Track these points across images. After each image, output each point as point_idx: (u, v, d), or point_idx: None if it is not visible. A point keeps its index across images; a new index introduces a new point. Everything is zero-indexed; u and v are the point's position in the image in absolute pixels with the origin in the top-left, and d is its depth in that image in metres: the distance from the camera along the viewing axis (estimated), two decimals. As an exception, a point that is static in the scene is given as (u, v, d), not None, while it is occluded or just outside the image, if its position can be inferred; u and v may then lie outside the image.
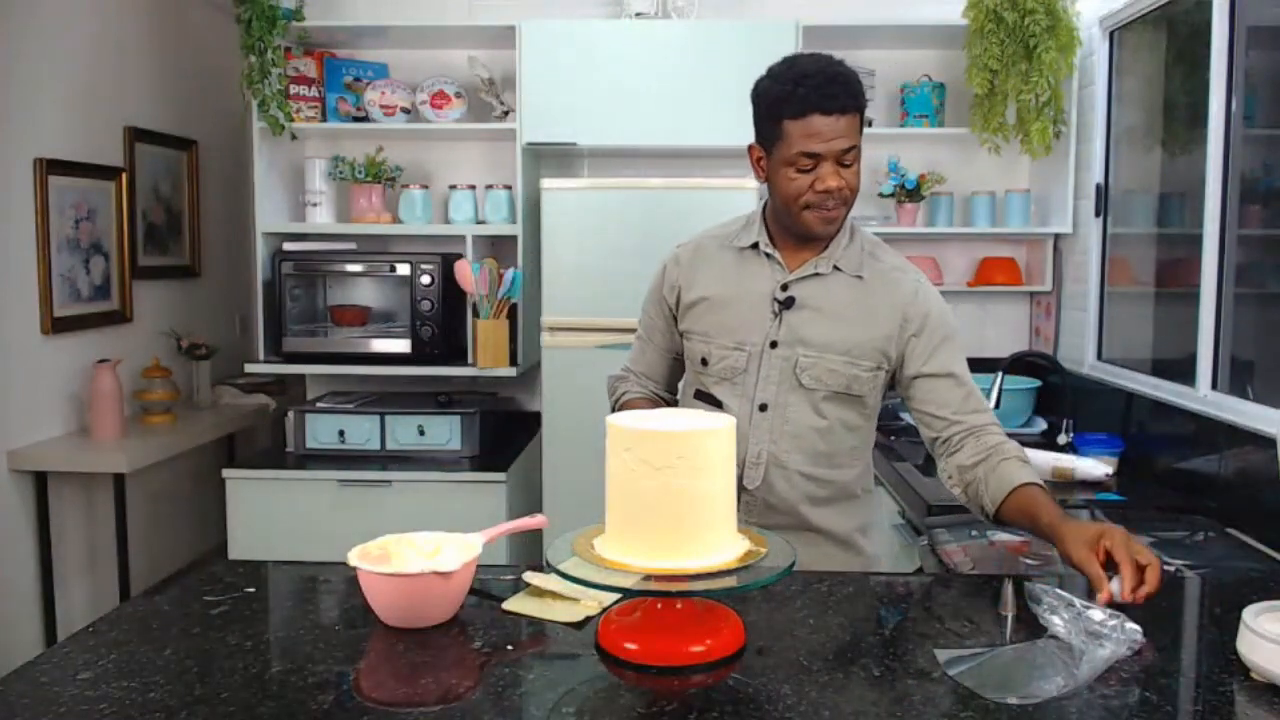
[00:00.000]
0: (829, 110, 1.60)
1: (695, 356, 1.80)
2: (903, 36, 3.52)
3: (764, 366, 1.74)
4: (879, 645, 1.34)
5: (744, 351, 1.74)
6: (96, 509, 3.31)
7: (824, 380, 1.72)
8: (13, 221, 2.96)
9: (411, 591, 1.34)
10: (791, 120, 1.62)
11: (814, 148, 1.61)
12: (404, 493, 3.16)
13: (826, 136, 1.61)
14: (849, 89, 1.62)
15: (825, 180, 1.63)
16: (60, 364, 3.17)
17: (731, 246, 1.80)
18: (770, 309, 1.74)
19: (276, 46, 3.29)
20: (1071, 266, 3.39)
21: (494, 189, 3.47)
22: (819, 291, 1.73)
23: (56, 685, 1.20)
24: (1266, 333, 2.57)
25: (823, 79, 1.61)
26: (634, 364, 1.94)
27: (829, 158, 1.62)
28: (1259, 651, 1.18)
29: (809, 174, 1.64)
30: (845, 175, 1.65)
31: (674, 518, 1.23)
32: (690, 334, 1.81)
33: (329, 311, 3.52)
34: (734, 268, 1.78)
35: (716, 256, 1.81)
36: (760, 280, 1.75)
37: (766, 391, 1.74)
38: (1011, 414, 3.27)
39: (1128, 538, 1.42)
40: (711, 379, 1.78)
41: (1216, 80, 2.50)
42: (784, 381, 1.73)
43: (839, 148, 1.62)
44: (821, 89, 1.60)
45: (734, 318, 1.75)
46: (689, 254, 1.84)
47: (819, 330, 1.72)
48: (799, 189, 1.65)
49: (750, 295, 1.75)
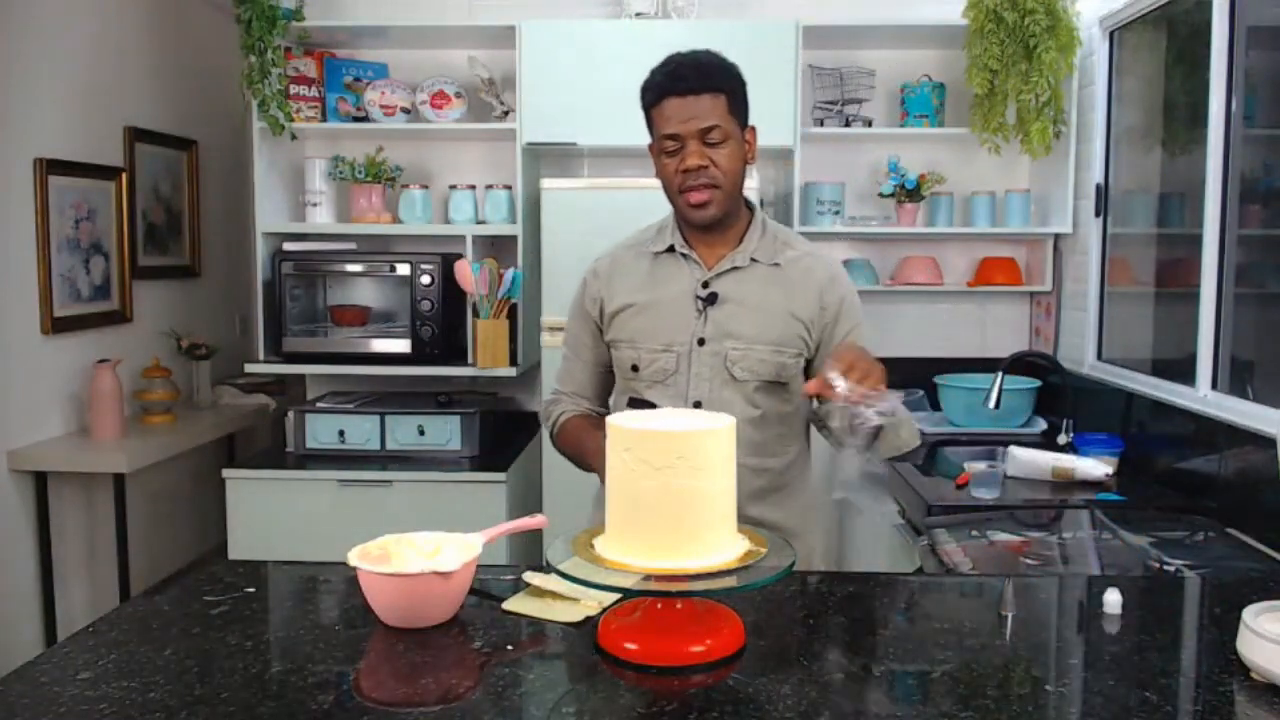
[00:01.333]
0: (681, 92, 1.67)
1: (625, 364, 1.81)
2: (903, 36, 3.52)
3: (694, 364, 1.76)
4: (878, 645, 1.34)
5: (673, 352, 1.77)
6: (96, 509, 3.31)
7: (755, 371, 1.76)
8: (13, 221, 2.96)
9: (411, 591, 1.34)
10: (653, 107, 1.71)
11: (671, 129, 1.68)
12: (404, 493, 3.15)
13: (682, 117, 1.67)
14: (700, 70, 1.69)
15: (687, 159, 1.68)
16: (60, 364, 3.17)
17: (647, 253, 1.83)
18: (694, 307, 1.76)
19: (276, 46, 3.29)
20: (1071, 266, 3.39)
21: (494, 189, 3.47)
22: (739, 285, 1.77)
23: (56, 685, 1.20)
24: (1266, 333, 2.57)
25: (675, 64, 1.69)
26: (564, 385, 1.94)
27: (689, 138, 1.68)
28: (1259, 651, 1.18)
29: (675, 156, 1.70)
30: (712, 155, 1.69)
31: (674, 518, 1.23)
32: (617, 343, 1.82)
33: (329, 311, 3.52)
34: (652, 273, 1.81)
35: (634, 265, 1.83)
36: (680, 281, 1.79)
37: (699, 389, 1.76)
38: (1011, 414, 3.27)
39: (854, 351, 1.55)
40: (643, 383, 1.79)
41: (1216, 80, 2.50)
42: (715, 377, 1.76)
43: (696, 127, 1.67)
44: (673, 73, 1.68)
45: (658, 320, 1.78)
46: (606, 266, 1.87)
47: (745, 323, 1.76)
48: (670, 173, 1.72)
49: (672, 296, 1.78)
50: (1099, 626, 1.41)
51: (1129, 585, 1.59)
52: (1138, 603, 1.50)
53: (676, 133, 1.68)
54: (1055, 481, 2.62)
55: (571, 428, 1.86)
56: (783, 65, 3.28)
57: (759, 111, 3.70)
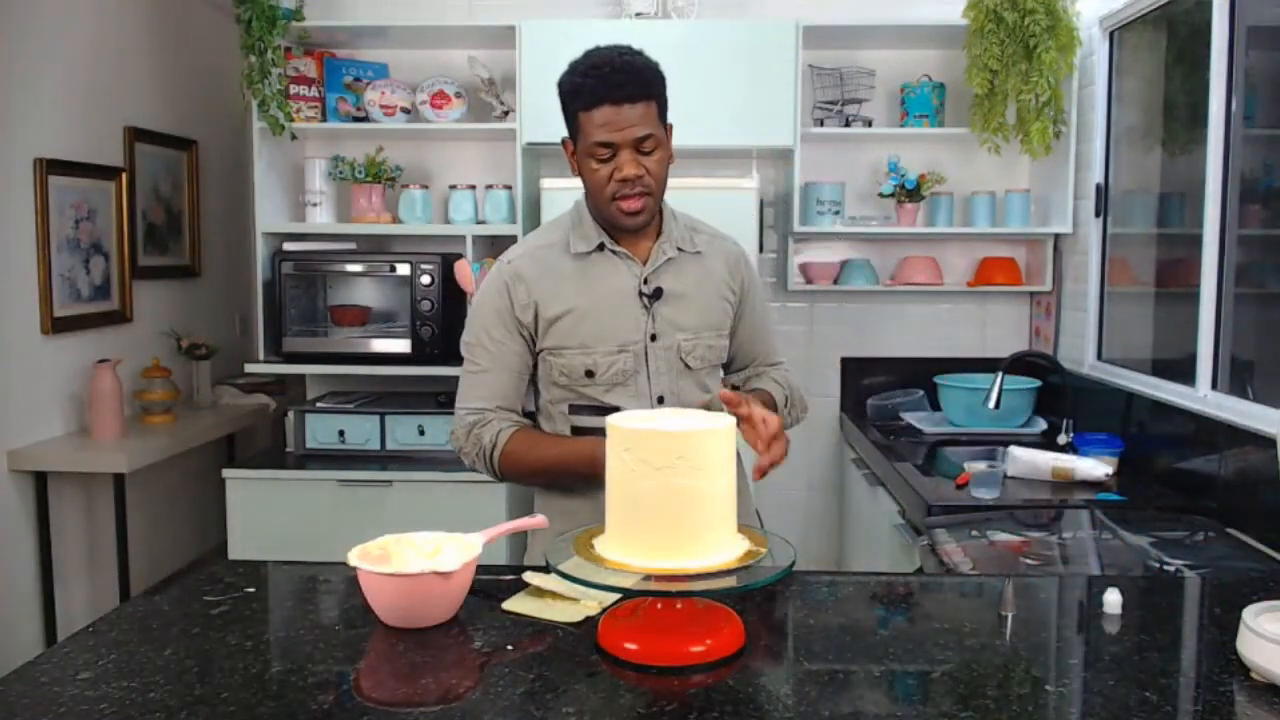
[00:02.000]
0: (617, 100, 1.62)
1: (575, 370, 1.75)
2: (903, 36, 3.52)
3: (652, 361, 1.76)
4: (878, 645, 1.34)
5: (629, 352, 1.75)
6: (96, 509, 3.31)
7: (705, 358, 1.81)
8: (13, 221, 2.96)
9: (411, 591, 1.34)
10: (584, 112, 1.65)
11: (607, 137, 1.64)
12: (404, 493, 3.15)
13: (618, 125, 1.63)
14: (637, 78, 1.65)
15: (623, 169, 1.66)
16: (60, 364, 3.17)
17: (570, 254, 1.76)
18: (640, 304, 1.76)
19: (276, 46, 3.29)
20: (1071, 266, 3.39)
21: (494, 189, 3.47)
22: (675, 277, 1.78)
23: (56, 685, 1.20)
24: (1266, 333, 2.57)
25: (610, 69, 1.63)
26: (486, 399, 1.78)
27: (624, 146, 1.65)
28: (1259, 651, 1.18)
29: (608, 164, 1.67)
30: (646, 163, 1.67)
31: (674, 518, 1.23)
32: (561, 350, 1.75)
33: (329, 311, 3.52)
34: (584, 274, 1.76)
35: (560, 266, 1.76)
36: (618, 279, 1.76)
37: (660, 384, 1.77)
38: (1011, 414, 3.27)
39: (760, 413, 1.58)
40: (601, 387, 1.75)
41: (1216, 80, 2.50)
42: (671, 369, 1.77)
43: (632, 136, 1.64)
44: (608, 79, 1.63)
45: (607, 322, 1.74)
46: (530, 269, 1.76)
47: (688, 313, 1.78)
48: (601, 180, 1.68)
49: (615, 296, 1.75)
50: (1099, 626, 1.41)
51: (1129, 585, 1.59)
52: (1138, 603, 1.50)
53: (611, 141, 1.64)
54: (1055, 481, 2.62)
55: (525, 443, 1.75)
56: (783, 65, 3.28)
57: (759, 112, 3.71)
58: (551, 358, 1.76)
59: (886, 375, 3.72)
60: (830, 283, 3.60)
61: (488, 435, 1.75)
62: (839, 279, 3.60)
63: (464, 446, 1.78)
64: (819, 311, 3.76)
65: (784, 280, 3.65)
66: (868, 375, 3.74)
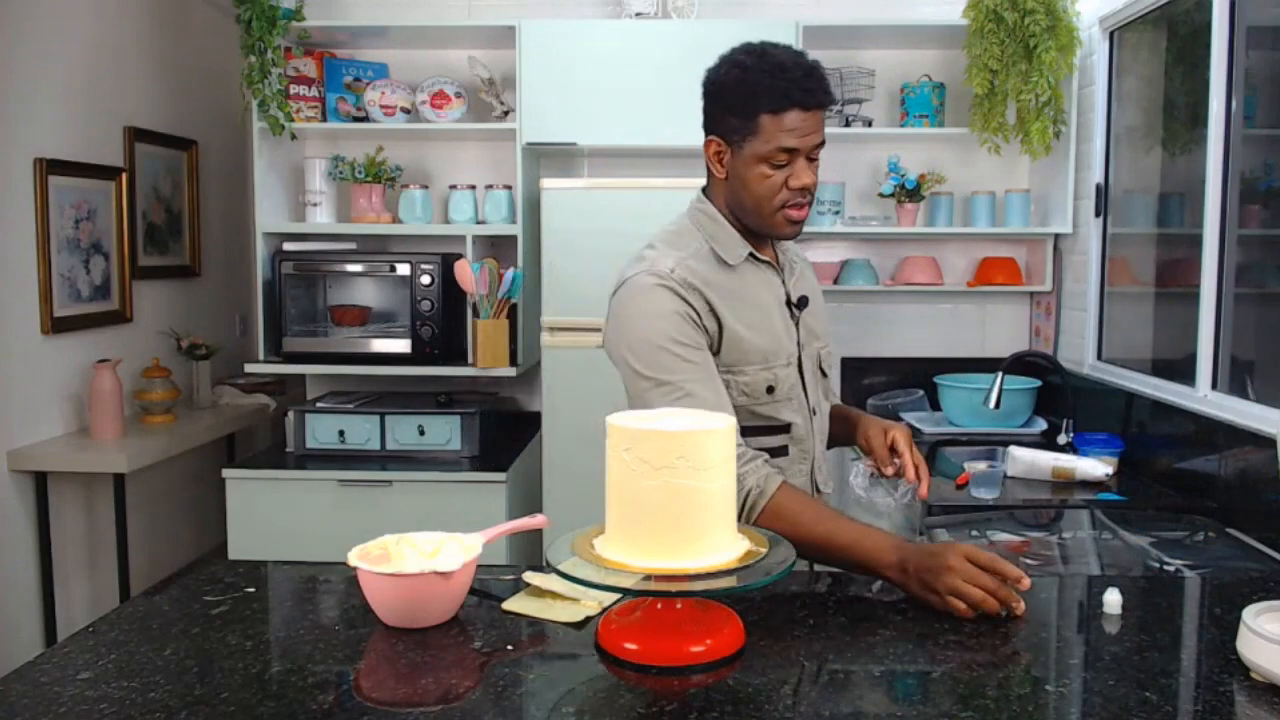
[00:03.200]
0: (808, 105, 1.55)
1: (758, 388, 1.63)
2: (903, 36, 3.52)
3: (805, 373, 1.71)
4: (879, 645, 1.34)
5: (793, 365, 1.68)
6: (96, 509, 3.31)
7: (831, 364, 1.81)
8: (13, 221, 2.96)
9: (411, 591, 1.34)
10: (770, 115, 1.55)
11: (792, 143, 1.56)
12: (404, 493, 3.16)
13: (804, 131, 1.56)
14: (823, 84, 1.58)
15: (800, 177, 1.58)
16: (60, 364, 3.17)
17: (721, 264, 1.64)
18: (790, 316, 1.71)
19: (276, 46, 3.29)
20: (1071, 266, 3.39)
21: (494, 189, 3.47)
22: (801, 284, 1.77)
23: (56, 685, 1.20)
24: (1266, 333, 2.57)
25: (801, 72, 1.55)
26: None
27: (804, 153, 1.58)
28: (1259, 651, 1.18)
29: (783, 170, 1.58)
30: (815, 171, 1.63)
31: (674, 518, 1.23)
32: (744, 366, 1.62)
33: (329, 311, 3.52)
34: (742, 285, 1.65)
35: (718, 277, 1.63)
36: (770, 290, 1.68)
37: (814, 394, 1.73)
38: (1011, 414, 3.27)
39: (910, 435, 1.67)
40: (780, 404, 1.65)
41: (1216, 80, 2.50)
42: (815, 378, 1.75)
43: (813, 143, 1.58)
44: (802, 83, 1.54)
45: (773, 335, 1.66)
46: (694, 279, 1.60)
47: (817, 322, 1.77)
48: (773, 187, 1.58)
49: (772, 308, 1.68)
50: (1099, 626, 1.41)
51: (1129, 585, 1.59)
52: (1138, 603, 1.50)
53: (795, 147, 1.56)
54: (1055, 481, 2.62)
55: (799, 504, 1.52)
56: (783, 65, 3.27)
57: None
58: (730, 376, 1.61)
59: (886, 375, 3.72)
60: (830, 283, 3.59)
61: (751, 479, 1.52)
62: (839, 279, 3.60)
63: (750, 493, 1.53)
64: (819, 311, 3.76)
65: (784, 280, 3.65)
66: (868, 375, 3.74)
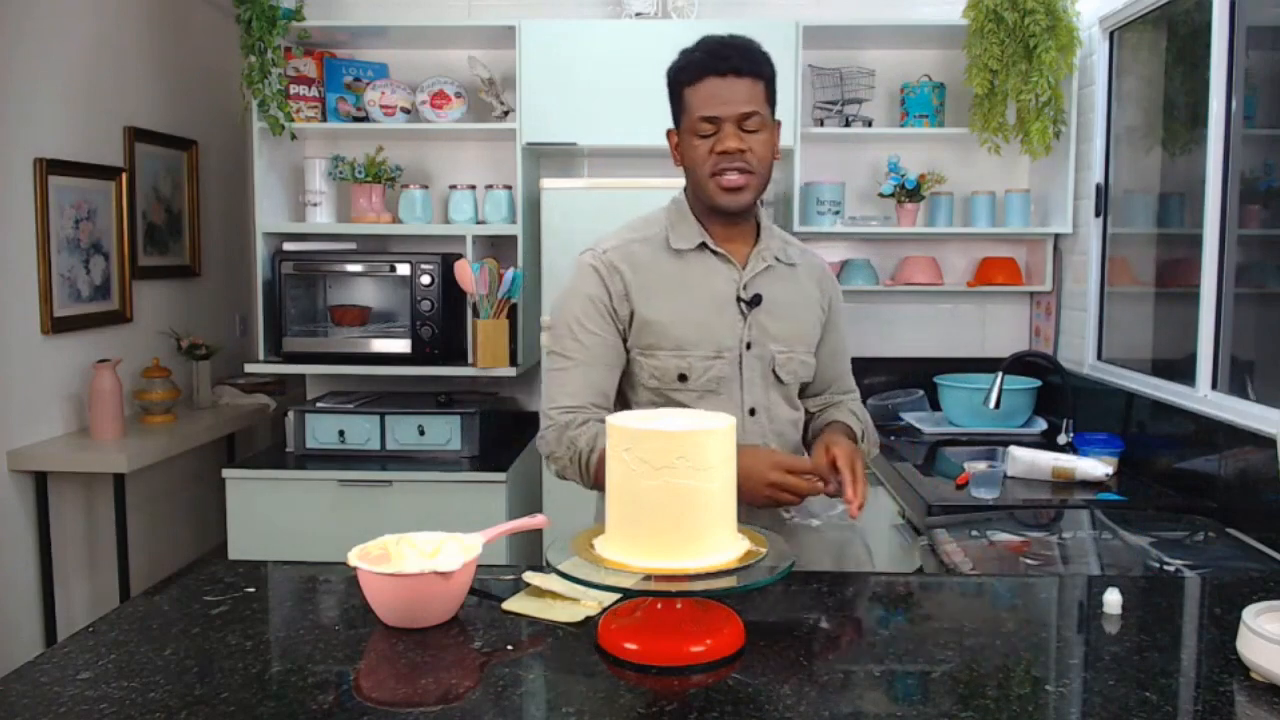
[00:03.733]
0: (721, 71, 1.61)
1: (669, 374, 1.67)
2: (903, 36, 3.52)
3: (745, 370, 1.70)
4: (879, 645, 1.34)
5: (724, 359, 1.68)
6: (96, 509, 3.31)
7: (797, 373, 1.76)
8: (13, 221, 2.96)
9: (411, 591, 1.34)
10: (689, 87, 1.63)
11: (711, 110, 1.61)
12: (404, 493, 3.15)
13: (724, 99, 1.60)
14: (744, 53, 1.63)
15: (724, 140, 1.61)
16: (60, 364, 3.17)
17: (667, 249, 1.69)
18: (737, 310, 1.69)
19: (276, 46, 3.29)
20: (1071, 266, 3.39)
21: (494, 189, 3.47)
22: (772, 285, 1.73)
23: (56, 685, 1.20)
24: (1266, 333, 2.57)
25: (717, 44, 1.63)
26: (579, 396, 1.65)
27: (727, 121, 1.61)
28: (1259, 651, 1.18)
29: (710, 139, 1.62)
30: (750, 141, 1.62)
31: (674, 518, 1.23)
32: (656, 350, 1.67)
33: (329, 311, 3.52)
34: (683, 272, 1.69)
35: (657, 262, 1.69)
36: (717, 281, 1.70)
37: (753, 395, 1.71)
38: (1011, 414, 3.27)
39: (851, 456, 1.60)
40: (693, 394, 1.68)
41: (1216, 80, 2.50)
42: (764, 380, 1.72)
43: (736, 111, 1.61)
44: (714, 52, 1.62)
45: (704, 325, 1.67)
46: (626, 262, 1.68)
47: (783, 326, 1.73)
48: (702, 155, 1.63)
49: (713, 298, 1.69)
50: (1099, 626, 1.41)
51: (1129, 585, 1.59)
52: (1138, 603, 1.50)
53: (716, 115, 1.60)
54: (1055, 481, 2.62)
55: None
56: (783, 65, 3.20)
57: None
58: (643, 358, 1.68)
59: (886, 375, 3.72)
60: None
61: (584, 438, 1.62)
62: (839, 279, 3.60)
63: (555, 451, 1.66)
64: (819, 311, 3.76)
65: (784, 280, 3.65)
66: (868, 375, 3.73)
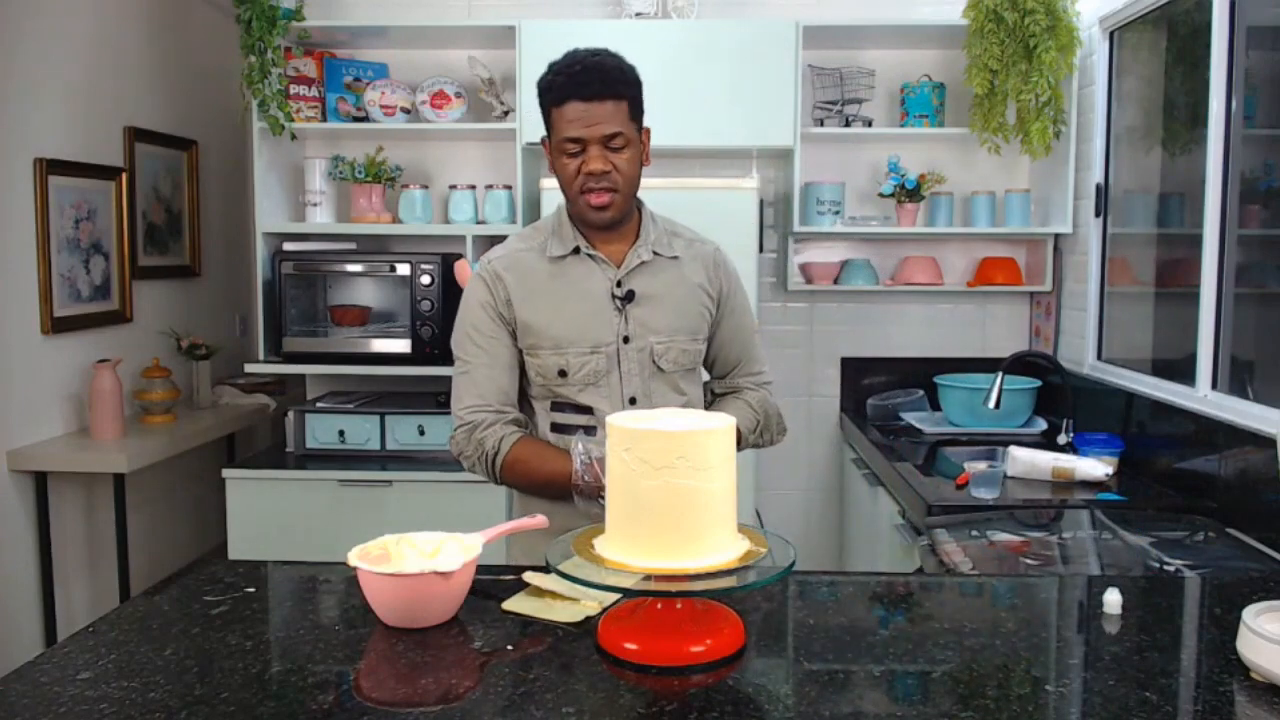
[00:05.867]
0: (585, 96, 1.68)
1: (550, 370, 1.78)
2: (903, 36, 3.52)
3: (624, 362, 1.79)
4: (879, 645, 1.34)
5: (601, 353, 1.78)
6: (96, 509, 3.31)
7: (679, 361, 1.83)
8: (13, 221, 2.96)
9: (411, 591, 1.34)
10: (555, 108, 1.71)
11: (575, 132, 1.69)
12: (404, 493, 3.15)
13: (588, 121, 1.68)
14: (605, 76, 1.70)
15: (590, 163, 1.70)
16: (60, 364, 3.17)
17: (546, 257, 1.81)
18: (613, 307, 1.79)
19: (276, 46, 3.29)
20: (1071, 266, 3.39)
21: (494, 189, 3.47)
22: (649, 280, 1.81)
23: (56, 685, 1.20)
24: (1266, 333, 2.57)
25: (581, 68, 1.69)
26: (482, 398, 1.79)
27: (593, 142, 1.70)
28: (1259, 651, 1.18)
29: (577, 158, 1.71)
30: (614, 160, 1.71)
31: (674, 518, 1.23)
32: (537, 349, 1.79)
33: (329, 311, 3.52)
34: (560, 276, 1.80)
35: (536, 268, 1.80)
36: (592, 281, 1.80)
37: (632, 385, 1.80)
38: (1011, 414, 3.27)
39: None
40: (575, 388, 1.79)
41: (1216, 80, 2.50)
42: (643, 371, 1.81)
43: (599, 133, 1.69)
44: (577, 76, 1.68)
45: (580, 323, 1.78)
46: (507, 270, 1.81)
47: (662, 316, 1.81)
48: (570, 174, 1.73)
49: (588, 298, 1.79)
50: (1099, 626, 1.42)
51: (1129, 585, 1.59)
52: (1138, 603, 1.50)
53: (580, 136, 1.69)
54: (1055, 481, 2.62)
55: (528, 451, 1.77)
56: (783, 65, 3.28)
57: (759, 112, 3.70)
58: (529, 357, 1.80)
59: (886, 375, 3.72)
60: (830, 283, 3.60)
61: (490, 440, 1.77)
62: (839, 279, 3.60)
63: (465, 450, 1.79)
64: (819, 311, 3.76)
65: (784, 280, 3.65)
66: (868, 375, 3.74)
